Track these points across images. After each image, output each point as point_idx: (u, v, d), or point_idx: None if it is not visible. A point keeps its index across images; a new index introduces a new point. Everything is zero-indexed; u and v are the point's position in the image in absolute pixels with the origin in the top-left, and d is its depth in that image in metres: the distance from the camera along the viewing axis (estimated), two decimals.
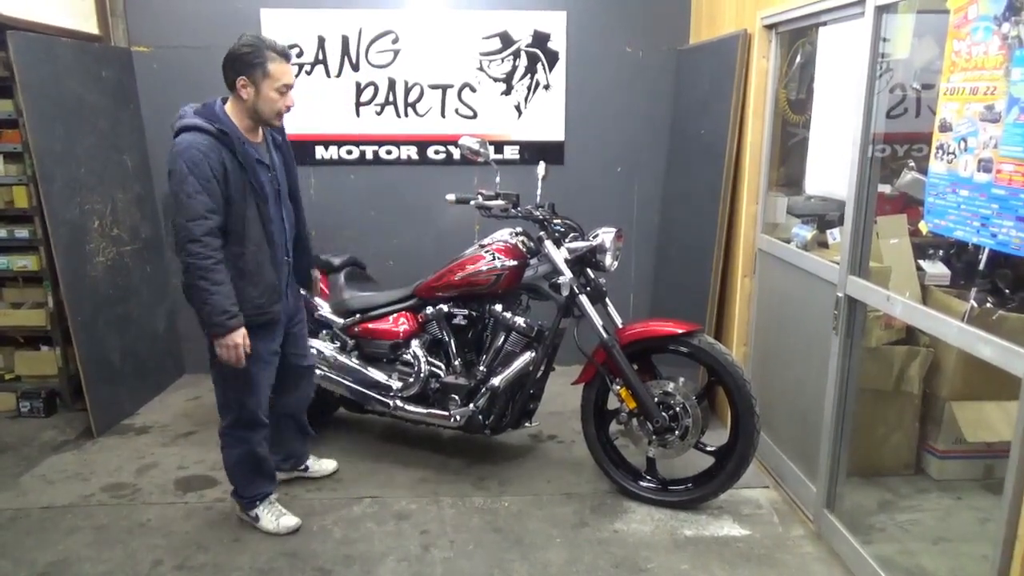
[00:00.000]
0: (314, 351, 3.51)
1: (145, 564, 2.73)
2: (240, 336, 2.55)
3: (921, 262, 3.17)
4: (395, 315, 3.45)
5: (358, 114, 4.40)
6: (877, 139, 2.59)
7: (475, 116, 4.44)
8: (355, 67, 4.35)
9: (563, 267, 3.03)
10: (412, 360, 3.39)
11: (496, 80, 4.41)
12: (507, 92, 4.43)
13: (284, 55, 2.58)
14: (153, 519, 3.02)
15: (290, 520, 2.93)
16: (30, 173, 3.78)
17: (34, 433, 3.86)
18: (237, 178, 2.53)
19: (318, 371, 3.47)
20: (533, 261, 3.22)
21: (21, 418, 4.05)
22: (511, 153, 4.49)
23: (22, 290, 4.17)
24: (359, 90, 4.39)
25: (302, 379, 3.10)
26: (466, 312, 3.35)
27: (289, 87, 2.59)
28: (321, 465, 3.34)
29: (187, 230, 2.46)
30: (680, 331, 2.95)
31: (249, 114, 2.61)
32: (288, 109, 2.63)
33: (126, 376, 4.04)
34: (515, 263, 3.17)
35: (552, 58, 4.40)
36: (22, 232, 4.01)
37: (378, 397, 3.44)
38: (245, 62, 2.54)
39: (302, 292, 3.14)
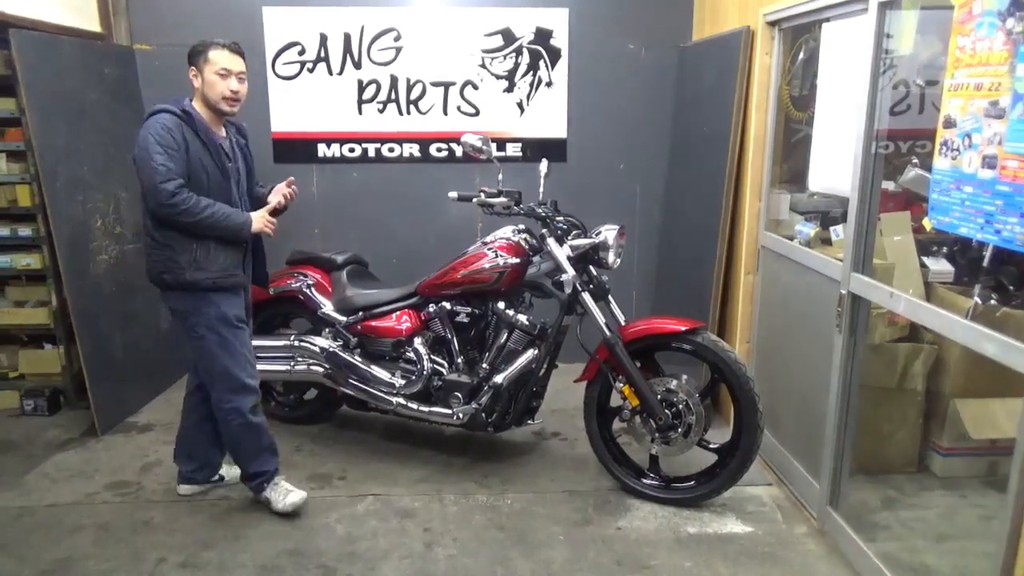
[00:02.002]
0: (316, 348, 3.52)
1: (149, 562, 2.73)
2: (256, 213, 2.86)
3: (925, 259, 3.15)
4: (398, 313, 3.45)
5: (360, 112, 4.40)
6: (880, 136, 2.58)
7: (477, 113, 4.44)
8: (357, 65, 4.35)
9: (566, 264, 3.03)
10: (415, 358, 3.40)
11: (498, 77, 4.41)
12: (509, 89, 4.42)
13: (227, 46, 2.78)
14: (157, 517, 3.03)
15: (296, 496, 3.01)
16: (33, 171, 3.79)
17: (38, 431, 3.86)
18: (199, 155, 2.72)
19: (319, 369, 3.47)
20: (536, 259, 3.22)
21: (25, 416, 4.06)
22: (513, 150, 4.48)
23: (25, 288, 4.17)
24: (361, 88, 4.38)
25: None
26: (469, 310, 3.35)
27: (228, 71, 2.75)
28: (234, 471, 3.17)
29: (160, 191, 2.62)
30: (683, 328, 2.94)
31: (204, 103, 2.80)
32: (234, 94, 2.77)
33: (129, 374, 4.05)
34: (518, 261, 3.16)
35: (554, 55, 4.39)
36: (25, 230, 4.02)
37: (381, 395, 3.44)
38: (193, 53, 2.79)
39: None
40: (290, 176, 3.07)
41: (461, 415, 3.28)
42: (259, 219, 2.85)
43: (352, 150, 4.46)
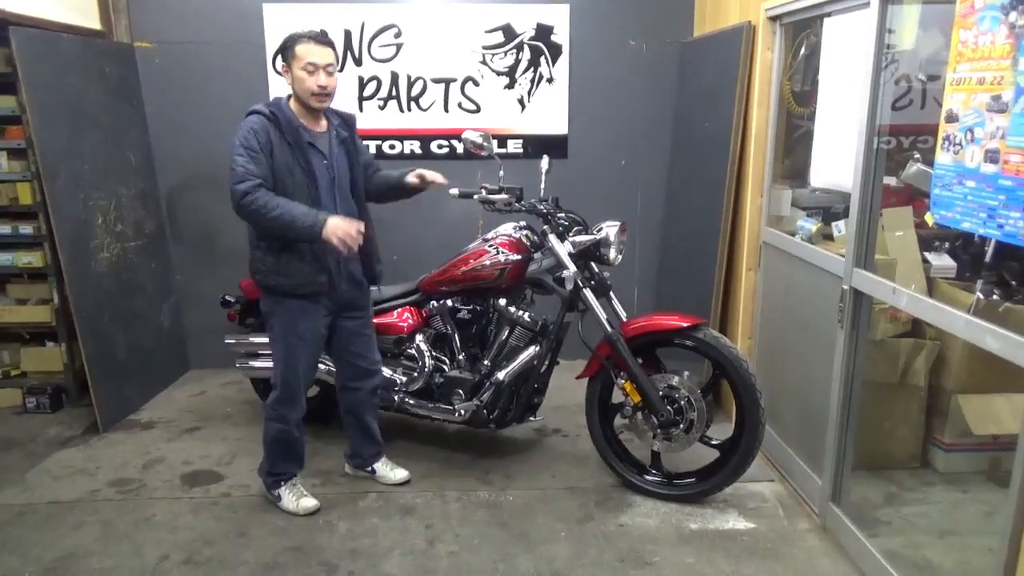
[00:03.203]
0: None
1: (151, 559, 2.74)
2: (337, 218, 2.64)
3: (927, 254, 3.15)
4: (399, 310, 3.45)
5: (361, 109, 4.39)
6: (882, 131, 2.57)
7: (478, 110, 4.43)
8: (358, 61, 4.35)
9: (567, 261, 3.02)
10: (416, 355, 3.40)
11: (499, 74, 4.40)
12: (510, 86, 4.42)
13: (313, 38, 2.72)
14: (159, 514, 3.03)
15: (309, 502, 3.03)
16: (34, 169, 3.79)
17: (40, 429, 3.87)
18: (284, 155, 2.69)
19: (321, 366, 3.46)
20: (537, 255, 3.21)
21: (27, 414, 4.07)
22: (514, 147, 4.48)
23: (27, 286, 4.18)
24: (362, 84, 4.38)
25: (360, 380, 3.12)
26: (470, 307, 3.35)
27: (316, 66, 2.69)
28: (390, 473, 3.26)
29: (239, 191, 2.61)
30: (684, 325, 2.94)
31: (296, 98, 2.78)
32: (322, 89, 2.72)
33: (131, 372, 4.05)
34: (519, 257, 3.16)
35: (555, 51, 4.39)
36: (26, 228, 4.03)
37: (382, 391, 3.43)
38: (282, 48, 2.77)
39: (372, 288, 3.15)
40: None
41: (463, 412, 3.28)
42: (335, 225, 2.60)
43: None
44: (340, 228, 2.61)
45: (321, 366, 3.51)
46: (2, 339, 4.23)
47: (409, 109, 4.42)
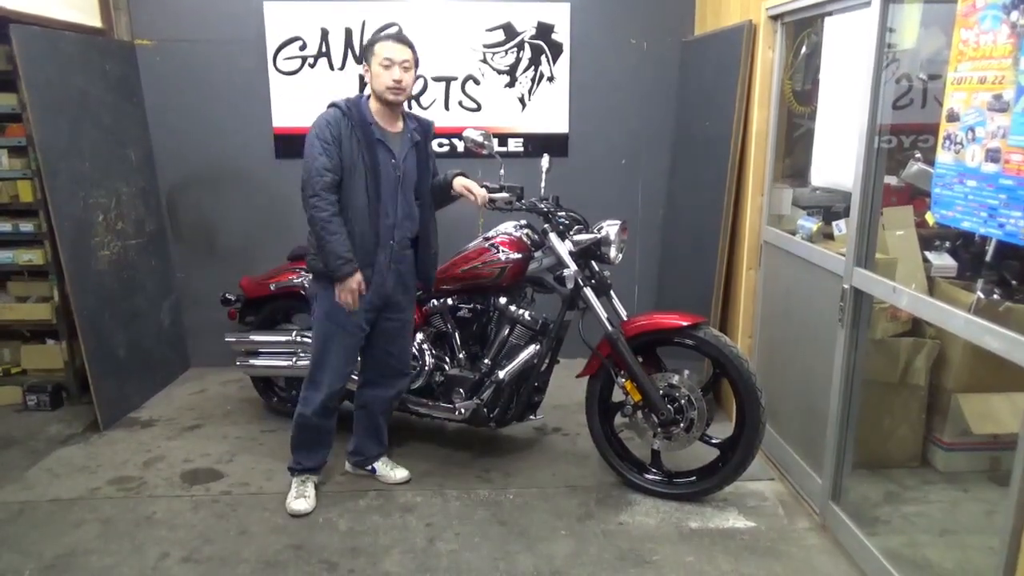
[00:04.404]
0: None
1: (151, 557, 2.74)
2: (355, 281, 2.78)
3: (927, 253, 3.15)
4: None
5: None
6: (883, 130, 2.57)
7: (479, 109, 4.43)
8: (359, 60, 4.34)
9: (568, 260, 3.02)
10: (417, 353, 3.40)
11: (500, 72, 4.40)
12: (511, 84, 4.42)
13: (393, 36, 2.82)
14: (159, 512, 3.03)
15: (301, 504, 3.03)
16: (34, 167, 3.79)
17: (40, 427, 3.87)
18: (351, 149, 2.77)
19: None
20: (537, 254, 3.21)
21: (27, 412, 4.06)
22: (515, 146, 4.48)
23: (28, 284, 4.17)
24: (363, 83, 4.37)
25: (386, 378, 3.14)
26: (471, 305, 3.35)
27: (391, 61, 2.76)
28: (390, 472, 3.26)
29: (309, 186, 2.74)
30: (685, 323, 2.94)
31: (374, 95, 2.85)
32: (396, 84, 2.78)
33: (132, 370, 4.05)
34: (519, 256, 3.16)
35: (556, 50, 4.38)
36: (27, 226, 4.02)
37: None
38: (365, 48, 2.86)
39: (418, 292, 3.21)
40: None
41: (463, 410, 3.28)
42: (349, 287, 2.76)
43: None
44: (350, 291, 2.78)
45: None
46: (2, 337, 4.23)
47: (410, 107, 4.41)
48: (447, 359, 3.41)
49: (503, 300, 3.25)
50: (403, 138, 2.91)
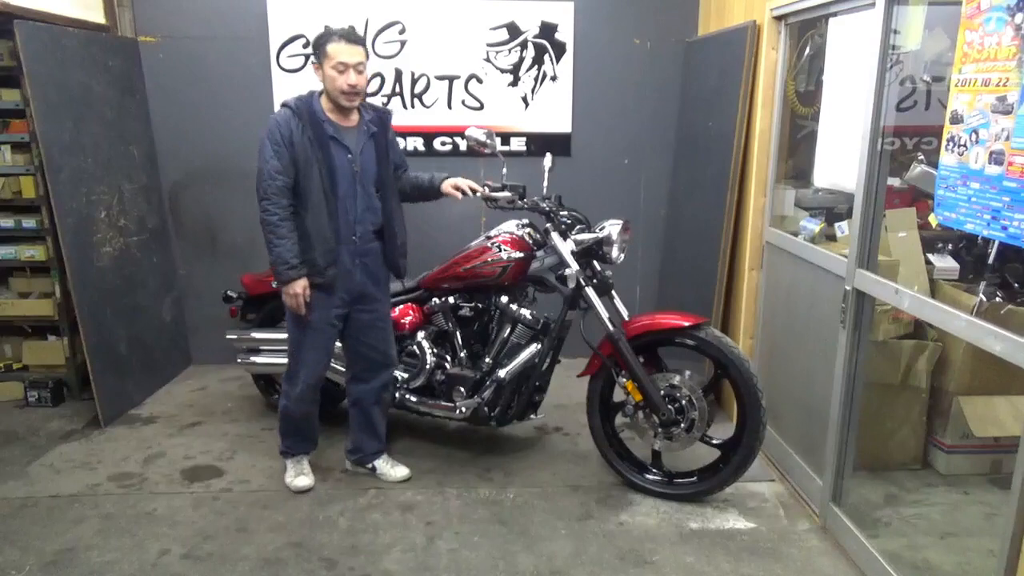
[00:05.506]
0: None
1: (152, 553, 2.74)
2: (299, 287, 2.82)
3: (930, 256, 3.15)
4: (401, 307, 3.45)
5: None
6: (886, 132, 2.57)
7: (482, 107, 4.43)
8: None
9: (569, 259, 3.02)
10: (418, 352, 3.40)
11: (503, 71, 4.40)
12: (514, 83, 4.41)
13: (344, 36, 2.78)
14: (160, 508, 3.04)
15: (303, 481, 3.15)
16: (37, 163, 3.78)
17: (41, 422, 3.88)
18: (304, 149, 2.77)
19: None
20: (539, 253, 3.21)
21: (29, 407, 4.07)
22: (518, 145, 4.47)
23: (30, 280, 4.18)
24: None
25: (369, 371, 3.15)
26: (472, 304, 3.35)
27: (346, 65, 2.75)
28: (391, 470, 3.27)
29: (260, 189, 2.78)
30: (686, 324, 2.94)
31: (328, 96, 2.83)
32: (352, 88, 2.78)
33: (133, 366, 4.06)
34: (521, 255, 3.16)
35: (559, 49, 4.38)
36: (29, 222, 4.03)
37: None
38: (315, 47, 2.83)
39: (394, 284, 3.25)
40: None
41: (464, 409, 3.28)
42: (293, 292, 2.81)
43: None
44: (293, 296, 2.83)
45: None
46: (4, 332, 4.24)
47: (413, 106, 4.41)
48: (448, 358, 3.41)
49: (505, 299, 3.25)
50: (359, 131, 2.90)
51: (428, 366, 3.36)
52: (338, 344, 3.14)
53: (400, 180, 3.16)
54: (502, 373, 3.19)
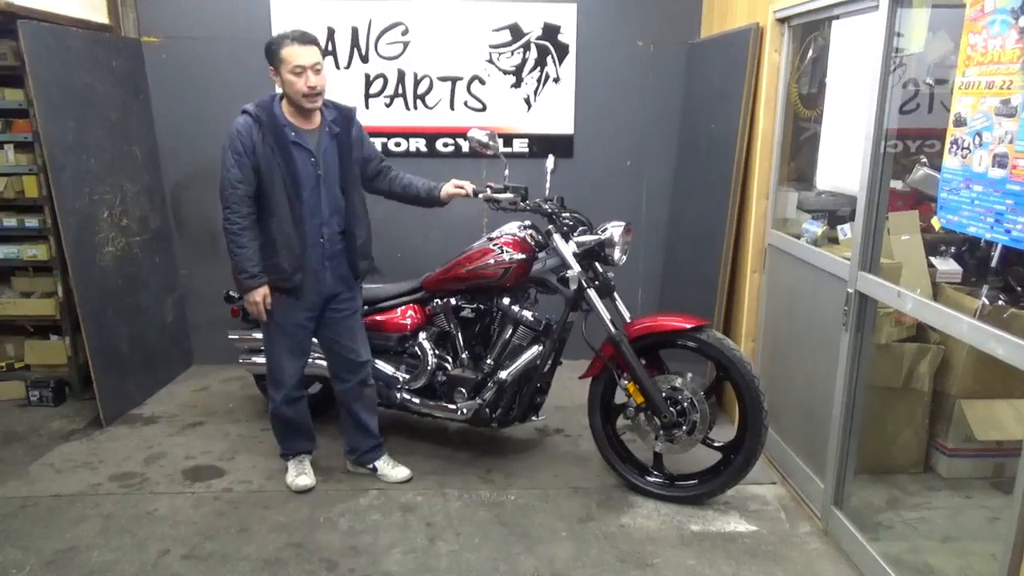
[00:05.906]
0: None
1: (152, 553, 2.74)
2: (259, 295, 2.86)
3: (933, 259, 3.14)
4: (403, 307, 3.45)
5: (367, 106, 4.39)
6: (889, 134, 2.56)
7: (484, 109, 4.43)
8: (364, 59, 4.35)
9: (571, 261, 3.02)
10: (419, 353, 3.40)
11: (505, 73, 4.40)
12: (516, 85, 4.41)
13: (299, 39, 2.75)
14: (161, 508, 3.04)
15: (304, 480, 3.17)
16: (40, 163, 3.79)
17: (43, 422, 3.88)
18: (266, 155, 2.77)
19: (321, 363, 3.47)
20: (541, 255, 3.21)
21: (30, 407, 4.07)
22: (520, 146, 4.47)
23: (32, 279, 4.19)
24: (368, 82, 4.38)
25: (350, 372, 3.16)
26: (474, 305, 3.35)
27: (303, 68, 2.73)
28: (391, 471, 3.27)
29: (223, 198, 2.80)
30: (688, 326, 2.94)
31: (288, 99, 2.82)
32: (312, 90, 2.76)
33: (135, 366, 4.06)
34: (523, 256, 3.16)
35: (562, 51, 4.38)
36: (32, 222, 4.03)
37: (385, 389, 3.44)
38: (269, 53, 2.79)
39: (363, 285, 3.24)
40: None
41: (465, 410, 3.28)
42: (254, 300, 2.86)
43: None
44: (254, 304, 2.87)
45: (321, 362, 3.52)
46: (6, 332, 4.24)
47: (415, 107, 4.42)
48: (450, 359, 3.41)
49: (506, 300, 3.25)
50: (320, 133, 2.89)
51: (429, 367, 3.36)
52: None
53: (386, 179, 3.17)
54: (503, 374, 3.19)
